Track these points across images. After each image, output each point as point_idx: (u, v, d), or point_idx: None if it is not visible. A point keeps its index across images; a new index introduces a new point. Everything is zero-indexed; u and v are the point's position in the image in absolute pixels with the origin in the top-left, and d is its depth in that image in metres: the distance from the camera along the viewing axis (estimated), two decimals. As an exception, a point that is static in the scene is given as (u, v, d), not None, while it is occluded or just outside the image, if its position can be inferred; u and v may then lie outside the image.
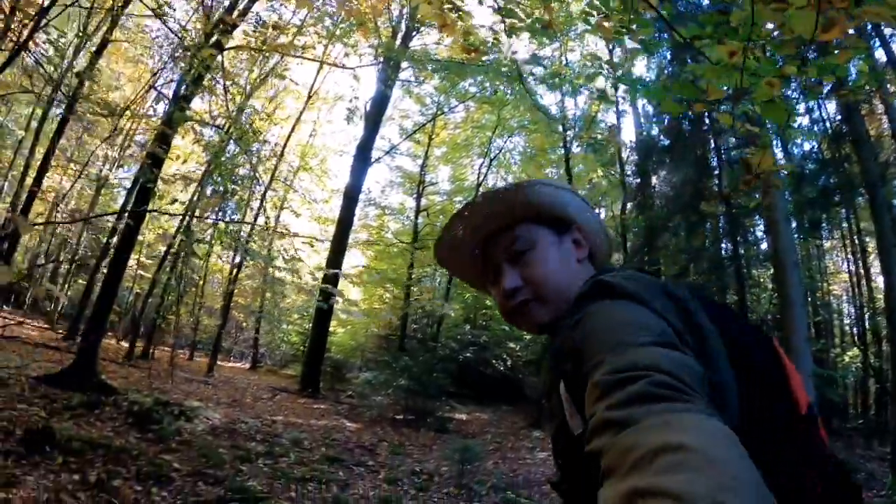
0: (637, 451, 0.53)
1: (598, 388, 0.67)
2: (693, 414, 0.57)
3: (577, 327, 0.82)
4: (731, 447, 0.52)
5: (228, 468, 5.48)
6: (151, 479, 4.62)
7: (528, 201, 1.04)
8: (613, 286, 0.85)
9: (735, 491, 0.45)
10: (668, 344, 0.72)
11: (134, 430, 6.19)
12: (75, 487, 4.13)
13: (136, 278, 21.31)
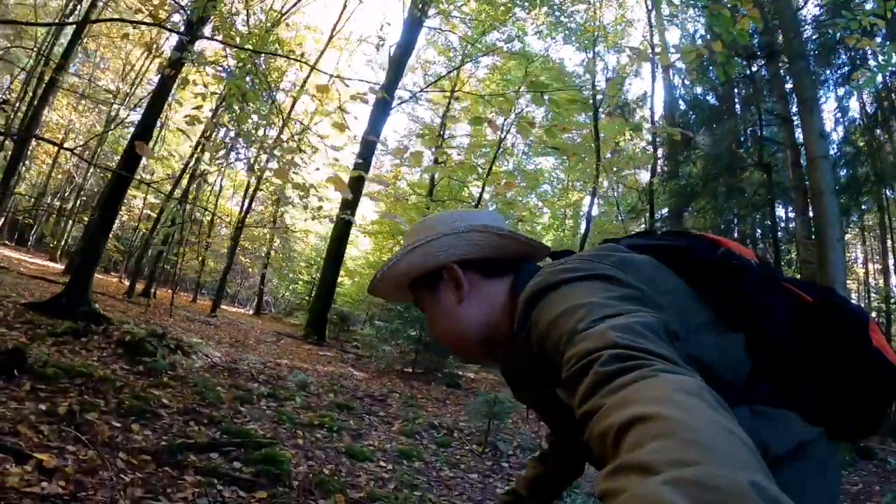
0: (608, 437, 0.51)
1: (569, 383, 0.68)
2: (648, 380, 0.55)
3: (531, 333, 0.85)
4: (688, 399, 0.50)
5: (226, 409, 4.68)
6: (134, 414, 3.81)
7: (398, 276, 1.09)
8: (537, 291, 0.86)
9: (699, 444, 0.43)
10: (612, 310, 0.72)
11: (122, 361, 5.39)
12: (39, 419, 3.31)
13: (141, 218, 20.40)
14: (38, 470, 2.67)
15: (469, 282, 1.05)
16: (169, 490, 2.79)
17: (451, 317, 1.05)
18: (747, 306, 0.90)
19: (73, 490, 2.54)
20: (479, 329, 1.04)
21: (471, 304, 1.04)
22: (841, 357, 0.88)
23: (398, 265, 1.06)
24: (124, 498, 2.57)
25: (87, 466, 2.84)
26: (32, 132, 15.68)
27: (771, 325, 0.90)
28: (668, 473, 0.40)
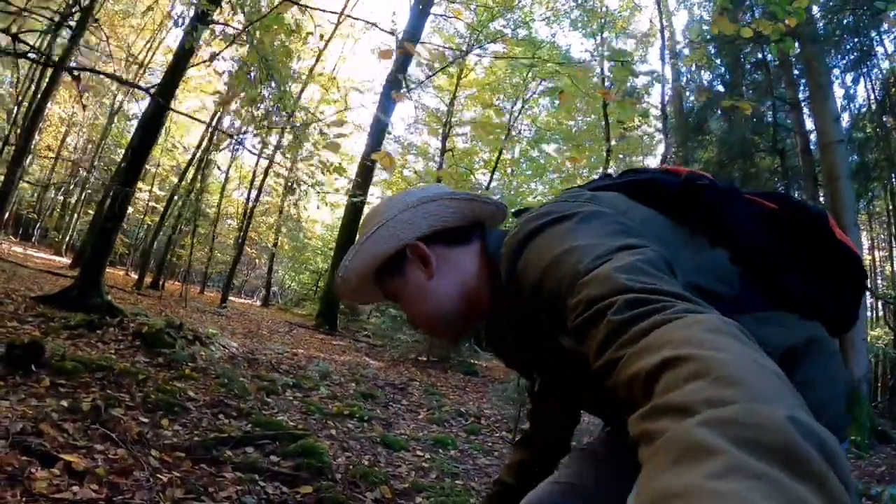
0: (636, 382, 0.50)
1: (578, 331, 0.66)
2: (671, 323, 0.53)
3: (521, 284, 0.82)
4: (716, 337, 0.49)
5: (253, 400, 4.44)
6: (161, 408, 3.56)
7: (363, 269, 1.03)
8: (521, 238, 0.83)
9: (733, 382, 0.42)
10: (607, 248, 0.70)
11: (140, 354, 5.13)
12: (62, 417, 3.05)
13: (147, 210, 20.12)
14: (67, 473, 2.43)
15: (435, 255, 1.00)
16: (211, 489, 2.55)
17: (425, 295, 1.01)
18: (721, 219, 0.90)
19: (109, 494, 2.30)
20: (456, 300, 1.00)
21: (441, 276, 1.00)
22: (813, 251, 0.91)
23: (361, 255, 1.01)
24: (164, 500, 2.32)
25: (119, 467, 2.60)
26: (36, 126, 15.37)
27: (745, 232, 0.90)
28: (705, 414, 0.39)
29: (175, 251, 16.94)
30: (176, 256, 18.54)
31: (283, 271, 23.00)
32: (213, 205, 18.88)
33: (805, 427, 0.36)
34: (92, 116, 20.39)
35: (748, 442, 0.35)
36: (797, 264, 0.90)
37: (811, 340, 0.85)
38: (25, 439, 2.59)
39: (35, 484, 2.22)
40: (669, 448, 0.39)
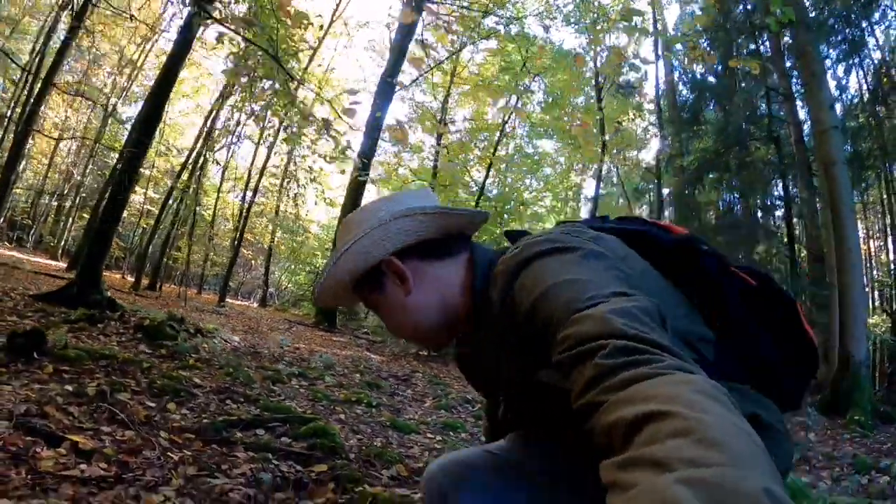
0: (616, 430, 0.51)
1: (563, 366, 0.66)
2: (661, 377, 0.54)
3: (515, 304, 0.81)
4: (703, 399, 0.49)
5: (259, 388, 4.32)
6: (167, 393, 3.45)
7: (339, 282, 1.02)
8: (521, 260, 0.83)
9: (715, 445, 0.42)
10: (607, 290, 0.70)
11: (143, 345, 5.01)
12: (67, 400, 2.94)
13: (143, 213, 19.89)
14: (73, 452, 2.32)
15: (412, 270, 1.00)
16: (224, 467, 2.44)
17: (403, 310, 1.01)
18: (712, 286, 0.91)
19: (118, 472, 2.19)
20: (434, 315, 1.00)
21: (419, 292, 1.00)
22: (781, 333, 0.94)
23: (336, 271, 1.00)
24: (176, 476, 2.22)
25: (127, 447, 2.49)
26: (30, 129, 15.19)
27: (732, 303, 0.92)
28: (683, 472, 0.40)
29: (171, 253, 16.76)
30: (172, 259, 18.37)
31: (279, 272, 22.81)
32: (209, 206, 18.72)
33: (778, 500, 0.37)
34: (85, 120, 20.15)
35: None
36: (761, 343, 0.93)
37: (769, 409, 0.89)
38: (30, 420, 2.48)
39: (41, 463, 2.11)
40: (644, 500, 0.39)
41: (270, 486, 2.30)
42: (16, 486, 1.87)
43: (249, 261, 23.54)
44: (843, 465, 4.68)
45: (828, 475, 4.38)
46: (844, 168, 8.80)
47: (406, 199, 1.03)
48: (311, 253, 21.59)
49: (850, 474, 4.42)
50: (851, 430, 6.37)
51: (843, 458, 4.91)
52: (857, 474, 4.41)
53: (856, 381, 7.24)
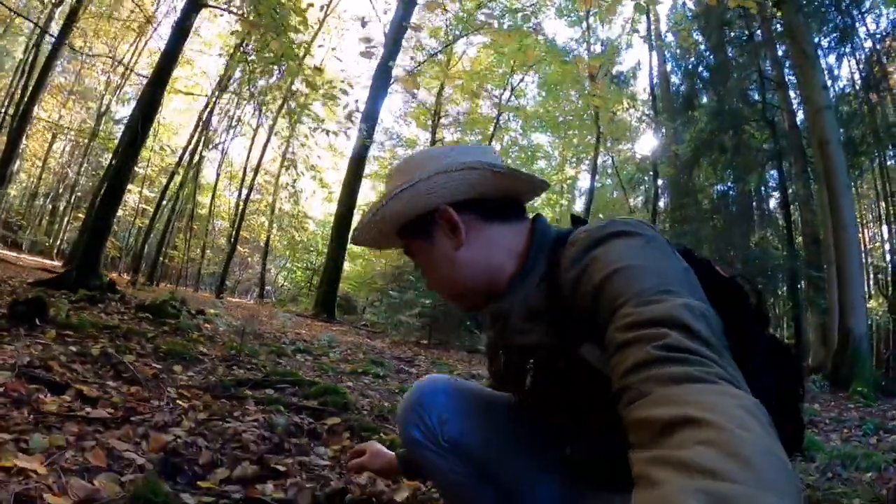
0: (652, 425, 0.52)
1: (613, 341, 0.67)
2: (709, 385, 0.54)
3: (581, 278, 0.80)
4: (745, 416, 0.49)
5: (265, 359, 4.22)
6: (173, 358, 3.35)
7: (386, 222, 0.98)
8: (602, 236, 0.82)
9: (742, 461, 0.43)
10: (684, 288, 0.71)
11: (146, 323, 4.89)
12: (71, 359, 2.84)
13: (138, 212, 19.72)
14: (79, 398, 2.23)
15: (466, 225, 0.96)
16: (236, 414, 2.35)
17: (449, 264, 0.98)
18: (745, 335, 0.86)
19: (125, 414, 2.10)
20: (479, 275, 0.98)
21: (469, 248, 0.96)
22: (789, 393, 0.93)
23: (385, 211, 0.95)
24: (188, 420, 2.13)
25: (135, 397, 2.40)
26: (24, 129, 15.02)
27: (756, 348, 0.89)
28: (706, 483, 0.41)
29: (167, 251, 16.60)
30: (168, 258, 18.19)
31: (276, 270, 22.66)
32: (205, 205, 18.58)
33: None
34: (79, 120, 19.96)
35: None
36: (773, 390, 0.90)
37: None
38: (33, 371, 2.38)
39: (44, 406, 2.01)
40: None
41: (285, 429, 2.21)
42: (17, 423, 1.78)
43: (246, 258, 23.36)
44: (850, 428, 4.64)
45: (837, 437, 4.33)
46: (839, 147, 8.80)
47: (473, 152, 0.98)
48: (307, 249, 21.46)
49: (859, 435, 4.37)
50: (855, 401, 6.34)
51: (849, 421, 4.86)
52: (866, 436, 4.36)
53: (857, 356, 7.20)
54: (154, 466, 1.58)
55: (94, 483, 1.37)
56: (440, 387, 1.18)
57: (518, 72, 16.01)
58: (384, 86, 14.10)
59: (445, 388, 1.17)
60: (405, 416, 1.17)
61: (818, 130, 8.98)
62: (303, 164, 11.67)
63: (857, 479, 2.81)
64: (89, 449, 1.61)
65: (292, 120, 10.32)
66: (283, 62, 6.25)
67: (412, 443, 1.16)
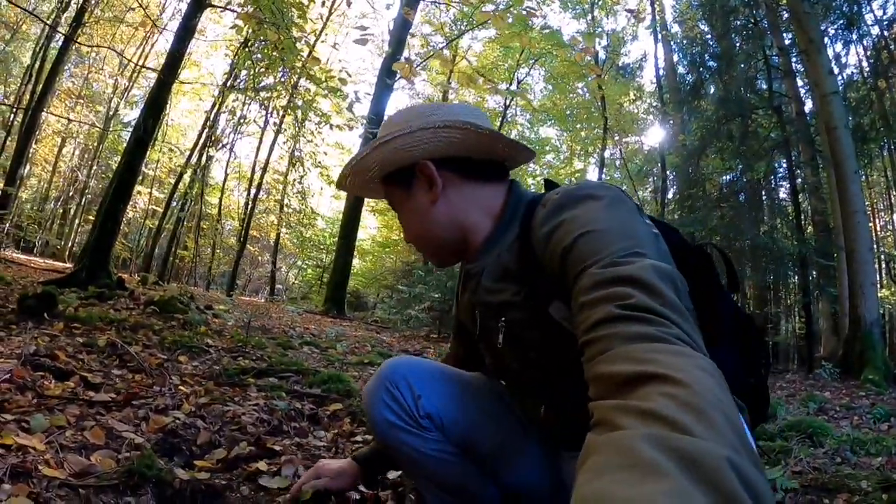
0: (615, 378, 0.54)
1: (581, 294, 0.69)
2: (671, 346, 0.56)
3: (556, 231, 0.81)
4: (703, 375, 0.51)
5: (270, 351, 4.24)
6: (179, 349, 3.37)
7: (368, 170, 1.01)
8: (576, 196, 0.83)
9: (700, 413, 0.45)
10: (653, 250, 0.73)
11: (155, 318, 4.92)
12: (77, 350, 2.88)
13: (148, 213, 19.88)
14: (82, 385, 2.26)
15: (444, 180, 0.99)
16: (237, 399, 2.37)
17: (424, 216, 1.00)
18: (711, 296, 0.91)
19: (127, 398, 2.12)
20: (450, 232, 1.00)
21: (444, 204, 0.99)
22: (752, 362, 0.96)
23: (367, 159, 0.98)
24: (188, 403, 2.14)
25: (138, 384, 2.42)
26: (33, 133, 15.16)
27: (719, 315, 0.92)
28: (662, 430, 0.43)
29: (178, 252, 16.71)
30: (179, 258, 18.31)
31: (287, 268, 22.75)
32: (214, 205, 18.68)
33: (745, 475, 0.39)
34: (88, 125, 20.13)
35: (696, 476, 0.38)
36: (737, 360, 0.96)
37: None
38: (38, 359, 2.41)
39: (48, 391, 2.04)
40: (622, 451, 0.42)
41: (285, 412, 2.23)
42: (20, 405, 1.80)
43: (256, 257, 23.48)
44: (861, 415, 4.58)
45: (847, 424, 4.28)
46: (847, 132, 8.71)
47: (459, 111, 0.99)
48: (317, 247, 21.53)
49: (870, 422, 4.32)
50: (866, 388, 6.26)
51: (860, 408, 4.80)
52: (876, 422, 4.31)
53: (868, 342, 7.12)
54: (151, 445, 1.59)
55: (90, 459, 1.39)
56: (407, 363, 1.15)
57: (524, 65, 15.95)
58: (388, 86, 14.09)
59: (414, 365, 1.14)
60: (373, 399, 1.10)
61: (826, 116, 8.90)
62: (310, 161, 11.67)
63: (866, 463, 2.78)
64: (89, 429, 1.63)
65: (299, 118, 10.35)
66: (285, 55, 6.25)
67: (385, 426, 1.09)
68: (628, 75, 15.12)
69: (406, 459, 1.12)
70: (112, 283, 6.65)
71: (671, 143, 13.38)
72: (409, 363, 1.15)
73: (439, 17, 16.23)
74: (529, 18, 5.61)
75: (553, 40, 10.63)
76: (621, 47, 15.22)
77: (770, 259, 10.81)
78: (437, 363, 1.20)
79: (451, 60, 16.64)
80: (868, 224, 9.24)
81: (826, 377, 6.01)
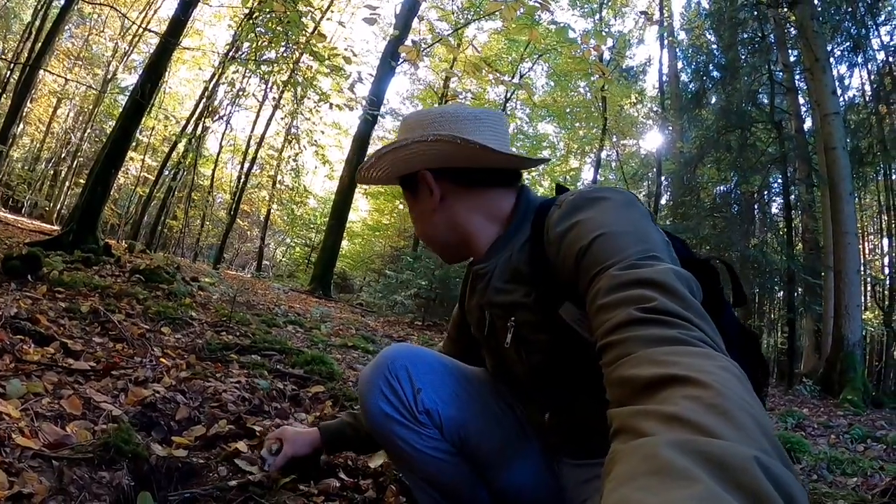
0: (636, 382, 0.53)
1: (597, 297, 0.68)
2: (693, 348, 0.56)
3: (571, 230, 0.82)
4: (726, 376, 0.50)
5: (254, 327, 4.20)
6: (162, 320, 3.33)
7: (381, 175, 1.07)
8: (588, 198, 0.85)
9: (725, 415, 0.44)
10: (667, 256, 0.75)
11: (140, 287, 4.85)
12: (59, 315, 2.83)
13: (139, 181, 19.65)
14: (62, 351, 2.21)
15: (443, 190, 1.02)
16: (219, 375, 2.34)
17: (427, 220, 1.05)
18: (721, 308, 0.89)
19: (107, 367, 2.08)
20: (454, 236, 1.04)
21: (445, 212, 1.02)
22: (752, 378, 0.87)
23: (383, 164, 1.03)
24: (169, 377, 2.11)
25: (119, 354, 2.38)
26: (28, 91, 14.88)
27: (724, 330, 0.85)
28: (687, 435, 0.42)
29: (167, 221, 16.55)
30: (168, 228, 18.14)
31: (275, 245, 22.61)
32: (206, 176, 18.49)
33: (775, 475, 0.38)
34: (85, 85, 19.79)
35: (725, 479, 0.37)
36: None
37: None
38: (19, 322, 2.36)
39: (26, 356, 1.99)
40: (648, 459, 0.40)
41: (267, 392, 2.20)
42: (-3, 370, 1.76)
43: (245, 231, 23.31)
44: (838, 434, 4.63)
45: (824, 441, 4.32)
46: (845, 153, 8.76)
47: (459, 121, 1.00)
48: (307, 226, 21.41)
49: (847, 442, 4.36)
50: (845, 408, 6.33)
51: (838, 427, 4.86)
52: (853, 442, 4.35)
53: (850, 362, 7.20)
54: (129, 418, 1.56)
55: (66, 430, 1.36)
56: (410, 352, 1.10)
57: (527, 59, 15.86)
58: (390, 69, 13.96)
59: (417, 355, 1.09)
60: (370, 388, 1.06)
61: (825, 135, 8.94)
62: (306, 139, 11.55)
63: (841, 483, 2.80)
64: (66, 397, 1.59)
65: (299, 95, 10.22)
66: (289, 29, 6.16)
67: (381, 417, 1.05)
68: (631, 78, 15.10)
69: (397, 453, 1.09)
70: (99, 248, 6.56)
71: (669, 150, 13.40)
72: (412, 352, 1.10)
73: (447, 4, 16.08)
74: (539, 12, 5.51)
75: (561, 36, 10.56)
76: (627, 50, 15.19)
77: (758, 272, 10.91)
78: (440, 355, 1.16)
79: (456, 48, 16.57)
80: (858, 246, 9.32)
81: (805, 394, 6.07)
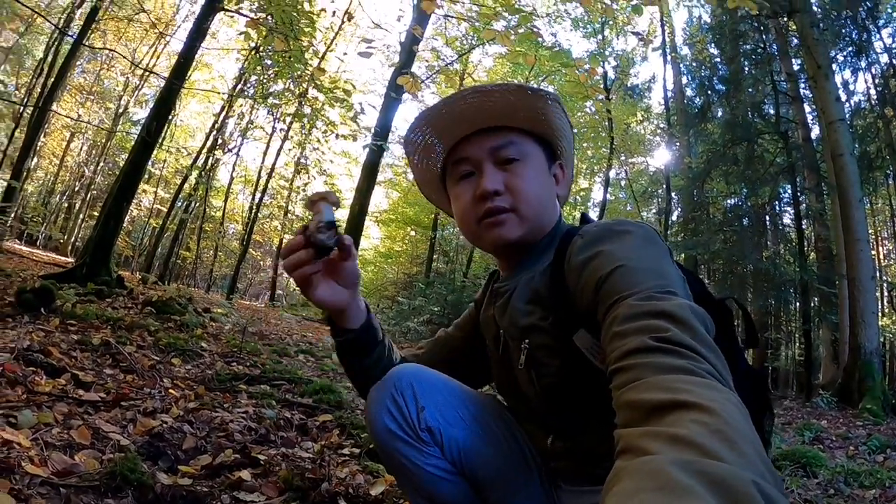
0: (643, 406, 0.54)
1: (619, 329, 0.69)
2: (701, 379, 0.57)
3: (593, 260, 0.85)
4: (731, 407, 0.52)
5: (265, 357, 4.24)
6: (173, 351, 3.37)
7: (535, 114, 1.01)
8: (608, 231, 0.89)
9: (729, 441, 0.46)
10: (684, 295, 0.76)
11: (152, 318, 4.92)
12: (71, 347, 2.88)
13: (152, 213, 19.95)
14: (73, 382, 2.26)
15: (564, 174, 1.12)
16: (226, 405, 2.37)
17: (548, 193, 1.06)
18: (732, 347, 0.91)
19: (117, 398, 2.12)
20: (546, 213, 1.05)
21: (562, 189, 1.11)
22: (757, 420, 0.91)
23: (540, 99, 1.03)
24: (177, 408, 2.14)
25: (129, 385, 2.43)
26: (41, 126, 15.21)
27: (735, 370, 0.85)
28: (692, 456, 0.43)
29: (181, 252, 16.74)
30: (181, 259, 18.34)
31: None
32: (218, 208, 18.74)
33: (772, 500, 0.40)
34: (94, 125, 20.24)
35: (726, 499, 0.38)
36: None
37: None
38: (32, 354, 2.42)
39: (38, 387, 2.04)
40: (653, 475, 0.42)
41: (274, 420, 2.22)
42: (9, 400, 1.81)
43: (258, 261, 23.50)
44: (857, 445, 4.54)
45: (842, 454, 4.25)
46: (853, 159, 8.71)
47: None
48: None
49: (865, 453, 4.28)
50: (864, 418, 6.21)
51: (856, 438, 4.77)
52: (872, 453, 4.27)
53: (868, 371, 7.08)
54: (136, 447, 1.59)
55: (74, 458, 1.39)
56: (416, 371, 1.10)
57: (533, 81, 15.99)
58: (398, 92, 14.15)
59: (423, 374, 1.10)
60: (376, 406, 1.07)
61: (832, 142, 8.92)
62: (315, 168, 11.72)
63: (859, 496, 2.75)
64: (76, 427, 1.63)
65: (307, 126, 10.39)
66: (292, 64, 6.30)
67: (385, 433, 1.06)
68: (636, 96, 15.20)
69: (399, 469, 1.10)
70: (112, 280, 6.66)
71: (677, 165, 13.41)
72: (418, 371, 1.10)
73: (450, 31, 16.34)
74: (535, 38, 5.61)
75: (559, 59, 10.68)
76: (630, 68, 15.31)
77: (772, 285, 10.80)
78: (447, 377, 1.15)
79: (460, 74, 16.80)
80: (870, 252, 9.21)
81: (823, 406, 5.97)
